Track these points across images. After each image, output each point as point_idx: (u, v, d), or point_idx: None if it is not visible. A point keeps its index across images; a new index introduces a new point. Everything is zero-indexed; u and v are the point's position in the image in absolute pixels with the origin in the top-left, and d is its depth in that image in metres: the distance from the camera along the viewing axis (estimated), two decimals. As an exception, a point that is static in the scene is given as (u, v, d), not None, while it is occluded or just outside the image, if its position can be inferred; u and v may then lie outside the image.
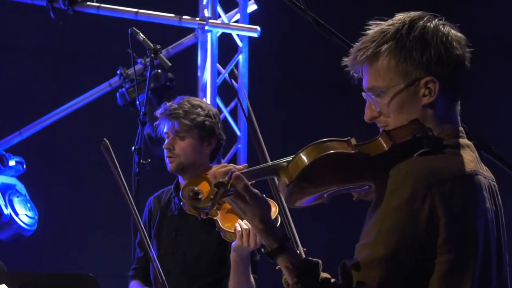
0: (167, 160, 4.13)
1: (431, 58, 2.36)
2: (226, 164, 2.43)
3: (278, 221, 3.28)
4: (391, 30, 2.39)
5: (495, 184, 2.47)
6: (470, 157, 2.38)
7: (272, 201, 2.96)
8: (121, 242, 5.19)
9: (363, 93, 2.45)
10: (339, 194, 2.46)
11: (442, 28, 2.40)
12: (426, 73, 2.36)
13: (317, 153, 2.32)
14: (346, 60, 2.45)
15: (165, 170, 4.19)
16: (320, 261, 2.35)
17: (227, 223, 3.53)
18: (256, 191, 2.34)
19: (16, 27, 7.13)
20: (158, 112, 4.19)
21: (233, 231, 3.58)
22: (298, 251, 2.43)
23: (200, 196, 2.29)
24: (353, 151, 2.32)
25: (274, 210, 3.24)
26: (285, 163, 2.36)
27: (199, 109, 4.12)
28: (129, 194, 3.41)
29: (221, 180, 2.30)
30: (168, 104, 4.16)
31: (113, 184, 3.41)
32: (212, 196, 2.28)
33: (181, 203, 3.90)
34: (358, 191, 2.52)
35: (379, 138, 2.34)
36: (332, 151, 2.32)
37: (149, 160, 4.78)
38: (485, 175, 2.42)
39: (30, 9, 6.29)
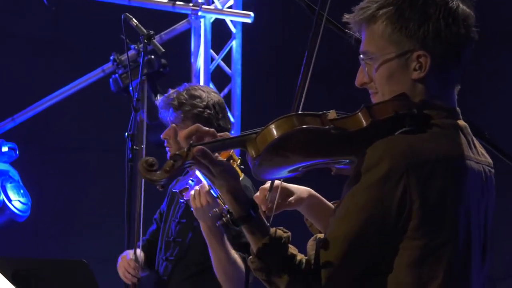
0: (167, 149, 4.11)
1: (428, 32, 2.23)
2: (190, 128, 2.24)
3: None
4: None
5: (491, 169, 2.34)
6: (461, 140, 2.25)
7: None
8: (113, 227, 5.19)
9: (359, 57, 2.34)
10: (318, 168, 2.32)
11: (450, 2, 2.26)
12: (421, 46, 2.24)
13: (287, 127, 2.19)
14: (347, 17, 2.33)
15: (158, 156, 4.17)
16: (289, 234, 2.24)
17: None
18: (221, 161, 2.22)
19: (9, 14, 7.10)
20: (158, 101, 4.18)
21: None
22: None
23: (155, 168, 2.16)
24: (326, 127, 2.20)
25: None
26: (254, 135, 2.22)
27: (197, 100, 4.06)
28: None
29: (177, 152, 2.18)
30: (170, 92, 4.13)
31: (106, 170, 3.40)
32: (167, 169, 2.15)
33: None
34: (338, 167, 2.38)
35: (359, 113, 2.22)
36: (303, 126, 2.19)
37: (142, 146, 4.77)
38: (478, 159, 2.29)
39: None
